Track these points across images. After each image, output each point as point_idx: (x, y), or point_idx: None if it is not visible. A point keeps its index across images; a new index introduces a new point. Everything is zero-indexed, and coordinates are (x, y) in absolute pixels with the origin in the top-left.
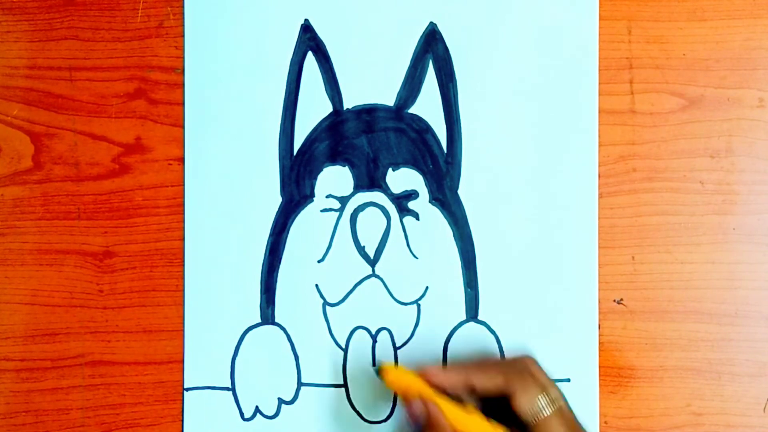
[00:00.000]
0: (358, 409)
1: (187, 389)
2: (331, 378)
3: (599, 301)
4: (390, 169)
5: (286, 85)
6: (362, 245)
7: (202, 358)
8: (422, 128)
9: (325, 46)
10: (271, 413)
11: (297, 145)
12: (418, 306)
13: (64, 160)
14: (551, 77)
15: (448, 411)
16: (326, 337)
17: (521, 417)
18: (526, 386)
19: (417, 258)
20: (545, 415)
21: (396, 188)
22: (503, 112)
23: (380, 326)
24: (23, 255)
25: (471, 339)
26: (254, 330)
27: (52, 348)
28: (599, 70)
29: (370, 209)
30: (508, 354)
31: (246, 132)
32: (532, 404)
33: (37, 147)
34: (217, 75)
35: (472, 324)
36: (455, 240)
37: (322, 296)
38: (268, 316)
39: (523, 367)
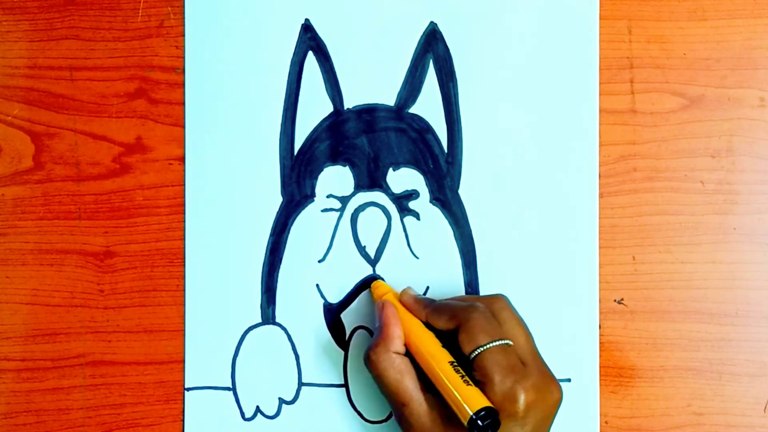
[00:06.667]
0: (358, 409)
1: (188, 389)
2: (332, 378)
3: (600, 301)
4: (390, 169)
5: (287, 85)
6: (363, 245)
7: (203, 358)
8: (423, 128)
9: (325, 46)
10: (271, 413)
11: (297, 144)
12: None
13: (65, 160)
14: (552, 77)
15: (406, 319)
16: (327, 336)
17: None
18: (471, 336)
19: (418, 258)
20: (478, 353)
21: (396, 188)
22: (504, 111)
23: None
24: (24, 255)
25: None
26: (255, 330)
27: (52, 348)
28: (599, 69)
29: (371, 209)
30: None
31: (246, 132)
32: (473, 351)
33: (38, 147)
34: (218, 75)
35: None
36: (456, 240)
37: (322, 296)
38: (268, 316)
39: (478, 315)
